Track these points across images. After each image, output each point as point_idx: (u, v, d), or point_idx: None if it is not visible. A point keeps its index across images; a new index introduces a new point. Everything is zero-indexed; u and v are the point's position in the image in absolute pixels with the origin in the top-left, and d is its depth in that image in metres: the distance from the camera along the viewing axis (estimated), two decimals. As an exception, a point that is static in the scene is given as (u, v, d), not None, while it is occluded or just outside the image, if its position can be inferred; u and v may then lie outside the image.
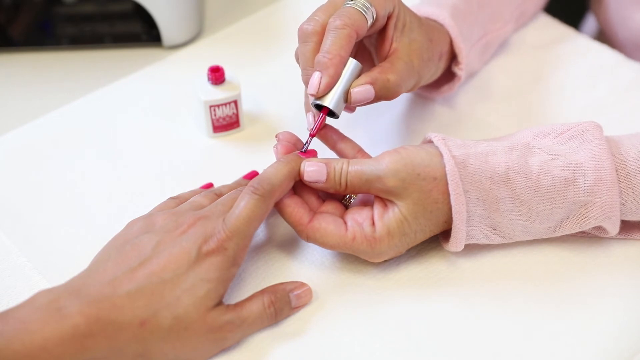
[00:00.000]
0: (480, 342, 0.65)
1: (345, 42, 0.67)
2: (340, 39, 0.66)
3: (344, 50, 0.67)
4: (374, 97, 0.69)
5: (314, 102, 0.69)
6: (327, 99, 0.68)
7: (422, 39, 0.72)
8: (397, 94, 0.70)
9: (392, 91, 0.69)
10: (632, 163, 0.67)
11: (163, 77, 0.90)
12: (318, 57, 0.67)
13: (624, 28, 1.00)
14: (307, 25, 0.69)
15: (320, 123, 0.69)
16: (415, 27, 0.72)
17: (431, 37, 0.74)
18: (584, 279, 0.70)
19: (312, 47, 0.68)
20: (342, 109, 0.69)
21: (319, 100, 0.68)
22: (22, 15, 0.94)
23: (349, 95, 0.68)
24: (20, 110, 0.86)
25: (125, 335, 0.60)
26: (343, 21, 0.67)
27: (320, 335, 0.66)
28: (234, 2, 1.00)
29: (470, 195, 0.66)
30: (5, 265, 0.71)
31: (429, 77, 0.76)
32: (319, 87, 0.67)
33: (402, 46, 0.71)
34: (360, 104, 0.69)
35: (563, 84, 0.88)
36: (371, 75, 0.69)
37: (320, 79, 0.67)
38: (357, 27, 0.67)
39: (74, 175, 0.79)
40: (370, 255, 0.67)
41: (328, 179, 0.67)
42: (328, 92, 0.68)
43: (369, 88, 0.68)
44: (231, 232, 0.63)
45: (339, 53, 0.67)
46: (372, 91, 0.68)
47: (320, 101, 0.68)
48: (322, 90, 0.67)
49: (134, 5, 0.92)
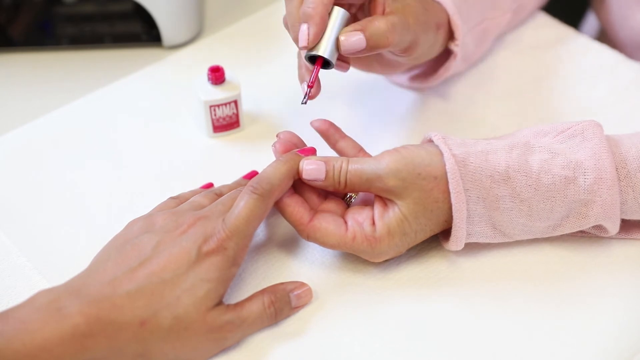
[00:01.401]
0: (480, 342, 0.65)
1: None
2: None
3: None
4: (365, 44, 0.68)
5: (307, 54, 0.68)
6: (319, 49, 0.68)
7: (416, 4, 0.72)
8: (389, 43, 0.69)
9: (384, 38, 0.68)
10: (632, 162, 0.67)
11: (163, 77, 0.90)
12: (302, 9, 0.67)
13: (625, 28, 1.00)
14: None
15: (316, 73, 0.69)
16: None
17: (426, 6, 0.73)
18: (584, 279, 0.69)
19: (297, 4, 0.68)
20: (335, 58, 0.69)
21: (312, 51, 0.68)
22: (22, 15, 0.94)
23: (339, 43, 0.68)
24: (20, 110, 0.86)
25: (125, 335, 0.60)
26: None
27: (320, 335, 0.66)
28: (234, 2, 1.00)
29: (471, 193, 0.66)
30: (5, 265, 0.71)
31: (427, 46, 0.75)
32: (309, 38, 0.67)
33: (395, 9, 0.70)
34: (352, 52, 0.68)
35: (563, 83, 0.88)
36: (361, 23, 0.68)
37: (307, 30, 0.67)
38: None
39: (74, 175, 0.79)
40: (370, 255, 0.67)
41: (327, 177, 0.67)
42: (318, 41, 0.68)
43: (359, 35, 0.67)
44: (231, 231, 0.63)
45: (322, 1, 0.66)
46: (363, 38, 0.67)
47: (313, 51, 0.68)
48: (311, 40, 0.67)
49: (134, 5, 0.92)
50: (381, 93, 0.86)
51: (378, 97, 0.86)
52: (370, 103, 0.85)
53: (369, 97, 0.86)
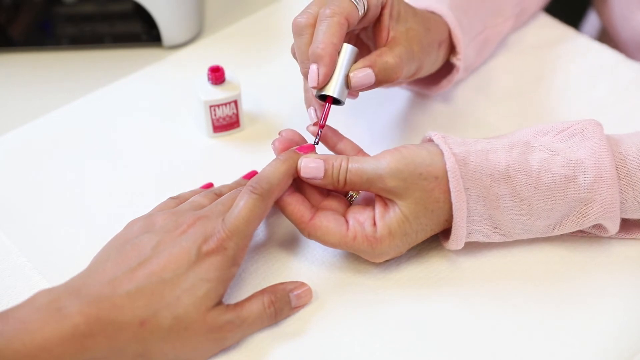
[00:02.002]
0: (480, 342, 0.65)
1: (336, 30, 0.67)
2: (330, 27, 0.67)
3: (335, 38, 0.67)
4: (374, 80, 0.69)
5: (317, 93, 0.69)
6: (329, 88, 0.68)
7: (419, 27, 0.72)
8: (397, 77, 0.70)
9: (392, 73, 0.69)
10: (632, 161, 0.67)
11: (163, 77, 0.90)
12: (311, 48, 0.67)
13: (626, 28, 1.00)
14: (300, 19, 0.69)
15: (327, 113, 0.70)
16: (410, 17, 0.72)
17: (428, 26, 0.74)
18: (584, 279, 0.69)
19: (307, 40, 0.69)
20: (345, 96, 0.69)
21: (322, 91, 0.68)
22: (22, 15, 0.94)
23: (348, 80, 0.68)
24: (20, 110, 0.86)
25: (125, 335, 0.60)
26: (332, 10, 0.67)
27: (320, 335, 0.66)
28: (234, 2, 1.00)
29: (471, 192, 0.66)
30: (5, 265, 0.71)
31: (430, 65, 0.76)
32: (319, 79, 0.67)
33: (399, 34, 0.71)
34: (361, 88, 0.69)
35: (563, 83, 0.88)
36: (369, 59, 0.69)
37: (317, 70, 0.67)
38: (347, 14, 0.67)
39: (74, 175, 0.79)
40: (371, 255, 0.67)
41: (326, 175, 0.67)
42: (328, 81, 0.68)
43: (368, 71, 0.68)
44: (231, 231, 0.63)
45: (332, 41, 0.67)
46: (372, 74, 0.68)
47: (323, 91, 0.68)
48: (321, 80, 0.67)
49: (134, 5, 0.92)
50: (381, 94, 0.86)
51: (378, 97, 0.86)
52: (370, 104, 0.85)
53: (369, 97, 0.86)
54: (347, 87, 0.69)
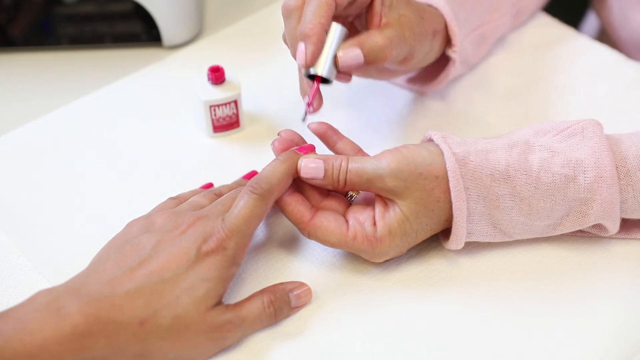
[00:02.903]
0: (480, 341, 0.65)
1: (324, 10, 0.67)
2: (318, 7, 0.67)
3: (323, 18, 0.67)
4: (363, 60, 0.68)
5: (306, 73, 0.69)
6: (317, 67, 0.68)
7: (412, 14, 0.72)
8: (386, 57, 0.69)
9: (381, 53, 0.69)
10: (632, 160, 0.67)
11: (163, 77, 0.90)
12: (299, 27, 0.67)
13: (626, 28, 1.00)
14: (289, 2, 0.69)
15: (315, 92, 0.69)
16: (403, 4, 0.72)
17: (422, 14, 0.74)
18: (584, 279, 0.69)
19: (295, 22, 0.69)
20: (334, 75, 0.69)
21: (310, 70, 0.68)
22: (22, 15, 0.94)
23: (337, 60, 0.68)
24: (20, 110, 0.86)
25: (125, 334, 0.60)
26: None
27: (320, 335, 0.66)
28: (234, 2, 1.00)
29: (471, 192, 0.66)
30: (5, 265, 0.71)
31: (424, 55, 0.75)
32: (307, 57, 0.67)
33: (391, 19, 0.70)
34: (350, 68, 0.69)
35: (563, 84, 0.88)
36: (358, 39, 0.69)
37: (305, 49, 0.67)
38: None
39: (74, 175, 0.79)
40: (371, 255, 0.67)
41: (326, 175, 0.67)
42: (317, 59, 0.68)
43: (357, 51, 0.68)
44: (230, 231, 0.63)
45: (319, 21, 0.67)
46: (361, 54, 0.68)
47: (312, 71, 0.68)
48: (309, 59, 0.67)
49: (134, 5, 0.92)
50: (380, 93, 0.86)
51: (377, 97, 0.86)
52: (369, 103, 0.85)
53: (368, 97, 0.86)
54: (335, 66, 0.69)
